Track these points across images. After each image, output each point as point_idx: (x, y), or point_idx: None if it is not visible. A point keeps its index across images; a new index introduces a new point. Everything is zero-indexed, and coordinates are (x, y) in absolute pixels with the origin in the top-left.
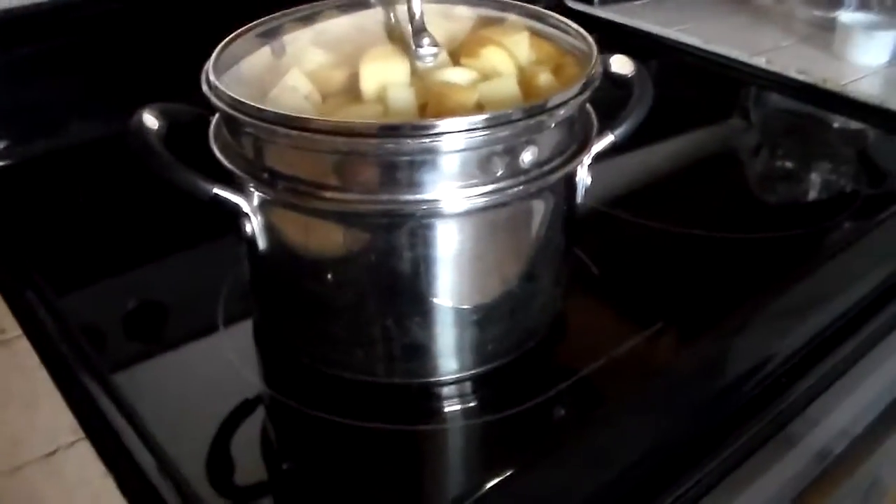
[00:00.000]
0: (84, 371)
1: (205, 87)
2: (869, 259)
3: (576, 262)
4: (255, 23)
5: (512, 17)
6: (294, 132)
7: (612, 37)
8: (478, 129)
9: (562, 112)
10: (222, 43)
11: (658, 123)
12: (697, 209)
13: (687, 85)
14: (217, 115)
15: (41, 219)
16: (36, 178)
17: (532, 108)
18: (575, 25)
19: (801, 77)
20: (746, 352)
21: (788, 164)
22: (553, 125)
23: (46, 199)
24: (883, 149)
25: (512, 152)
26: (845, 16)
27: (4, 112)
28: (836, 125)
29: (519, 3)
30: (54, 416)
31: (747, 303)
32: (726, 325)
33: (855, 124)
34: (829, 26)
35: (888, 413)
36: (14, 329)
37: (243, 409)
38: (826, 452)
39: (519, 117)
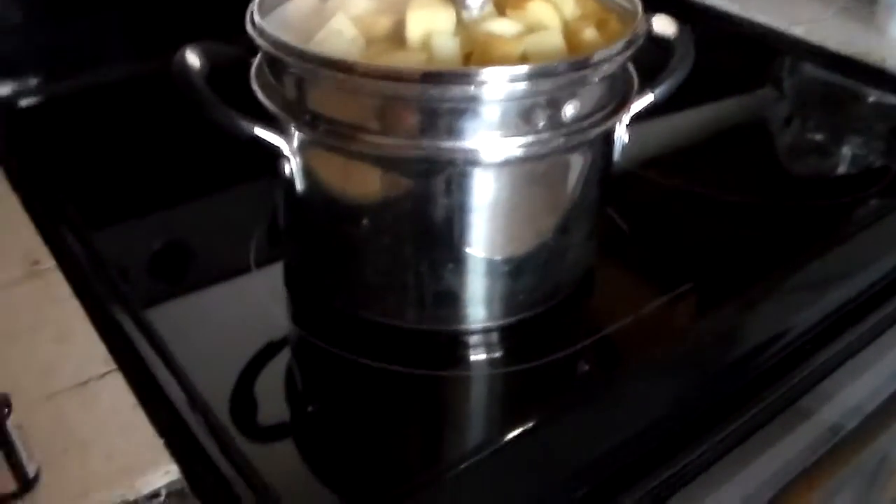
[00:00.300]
0: (116, 305)
1: (249, 28)
2: (892, 237)
3: (608, 220)
4: None
5: None
6: (339, 75)
7: (647, 1)
8: (522, 79)
9: (605, 68)
10: None
11: (692, 89)
12: (728, 175)
13: (722, 52)
14: (259, 57)
15: (76, 155)
16: (71, 114)
17: (576, 63)
18: None
19: (840, 49)
20: (766, 322)
21: (819, 137)
22: (596, 80)
23: (82, 135)
24: None
25: (554, 105)
26: None
27: (39, 48)
28: (871, 99)
29: None
30: (86, 347)
31: (770, 273)
32: (749, 293)
33: (891, 99)
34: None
35: None
36: (48, 260)
37: (272, 349)
38: (838, 427)
39: (563, 70)
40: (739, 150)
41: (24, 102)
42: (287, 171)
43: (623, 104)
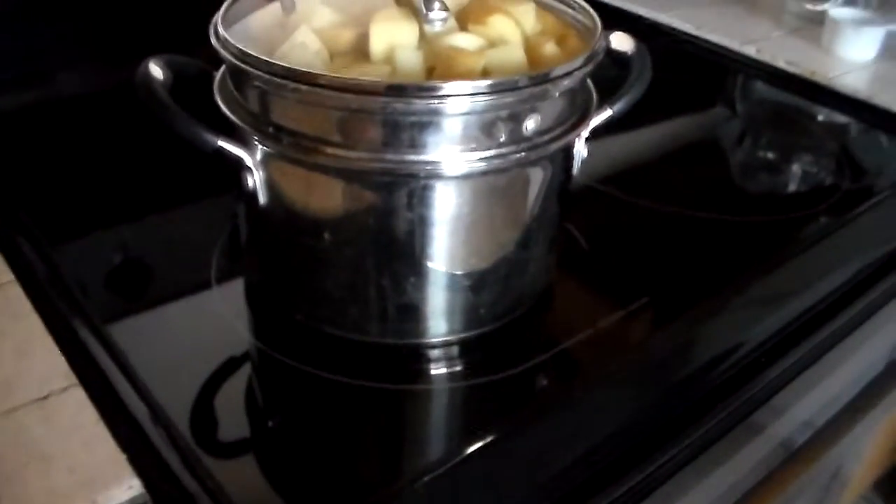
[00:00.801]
0: (77, 319)
1: (213, 40)
2: (842, 253)
3: (566, 235)
4: None
5: None
6: (304, 87)
7: (605, 17)
8: (484, 93)
9: (566, 82)
10: None
11: (648, 106)
12: (683, 191)
13: (677, 70)
14: (222, 69)
15: (35, 168)
16: (29, 127)
17: (537, 77)
18: (579, 0)
19: (789, 68)
20: (719, 336)
21: (771, 155)
22: (556, 95)
23: (40, 148)
24: (865, 143)
25: (515, 119)
26: (834, 10)
27: None
28: (820, 118)
29: None
30: (46, 362)
31: (724, 287)
32: (702, 307)
33: (840, 118)
34: (819, 19)
35: (852, 406)
36: (7, 274)
37: (234, 363)
38: (790, 442)
39: (524, 84)
40: (694, 166)
41: None
42: (250, 183)
43: (582, 119)
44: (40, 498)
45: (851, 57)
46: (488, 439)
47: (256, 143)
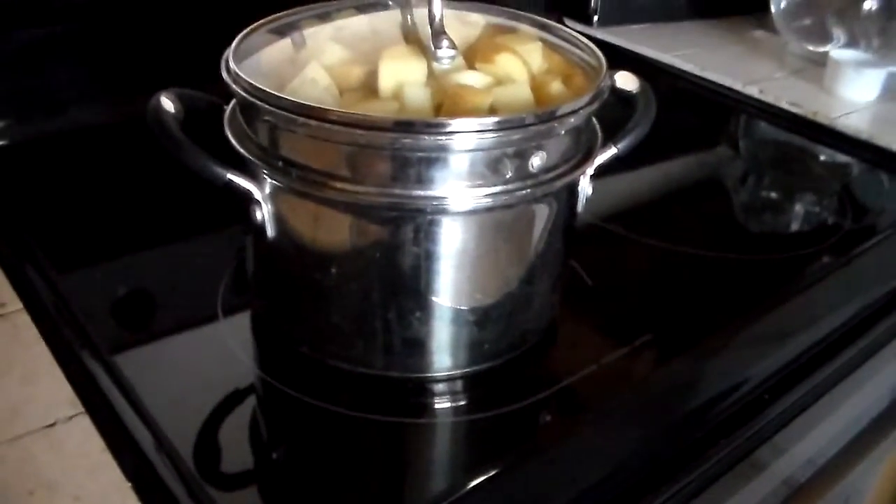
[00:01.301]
0: (84, 349)
1: (224, 74)
2: (844, 291)
3: (571, 272)
4: (273, 16)
5: (524, 27)
6: (313, 122)
7: (610, 57)
8: (491, 130)
9: (572, 120)
10: (242, 33)
11: (652, 146)
12: (687, 229)
13: (680, 110)
14: (232, 103)
15: (45, 199)
16: (40, 157)
17: (544, 114)
18: (584, 39)
19: (792, 109)
20: (722, 374)
21: (773, 195)
22: (562, 133)
23: (51, 179)
24: (867, 183)
25: (521, 156)
26: (836, 52)
27: (10, 92)
28: (822, 158)
29: (530, 15)
30: (53, 390)
31: (727, 325)
32: (705, 344)
33: (842, 158)
34: (821, 61)
35: (856, 444)
36: (15, 303)
37: (239, 395)
38: (793, 480)
39: (531, 122)
40: (698, 205)
41: None
42: (258, 217)
43: (588, 157)
44: None
45: (853, 98)
46: (490, 473)
47: (265, 176)
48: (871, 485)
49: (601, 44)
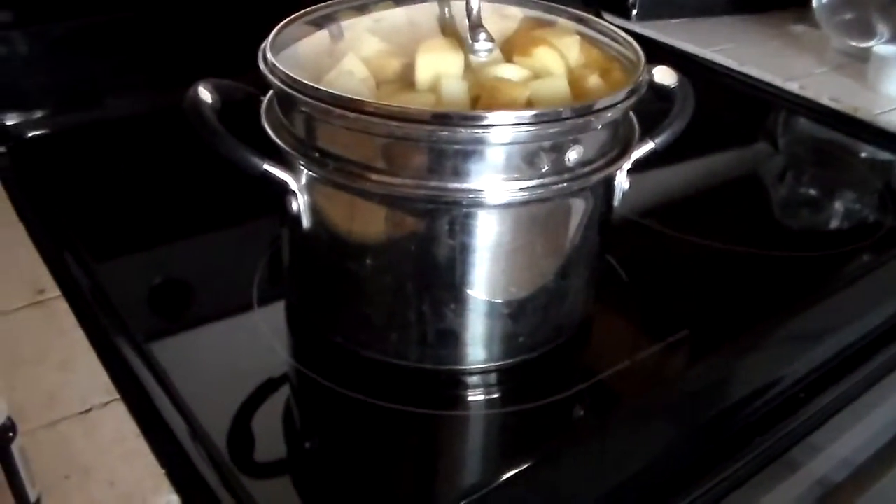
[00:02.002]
0: (120, 336)
1: (262, 66)
2: (884, 290)
3: (607, 266)
4: (310, 8)
5: (562, 20)
6: (350, 114)
7: (648, 51)
8: (528, 123)
9: (609, 114)
10: (279, 25)
11: (689, 141)
12: (724, 225)
13: (719, 105)
14: (269, 94)
15: (83, 188)
16: (79, 146)
17: (581, 108)
18: (622, 33)
19: (832, 105)
20: (757, 371)
21: (812, 191)
22: (599, 127)
23: (89, 167)
24: None
25: (558, 150)
26: (880, 47)
27: (49, 80)
28: (863, 155)
29: (568, 8)
30: (89, 376)
31: (763, 322)
32: (741, 341)
33: (884, 155)
34: (864, 56)
35: (892, 446)
36: (53, 290)
37: (272, 384)
38: (827, 480)
39: (568, 115)
40: (735, 201)
41: (32, 133)
42: (294, 207)
43: (625, 151)
44: None
45: None
46: (523, 467)
47: (301, 167)
48: None
49: (639, 38)
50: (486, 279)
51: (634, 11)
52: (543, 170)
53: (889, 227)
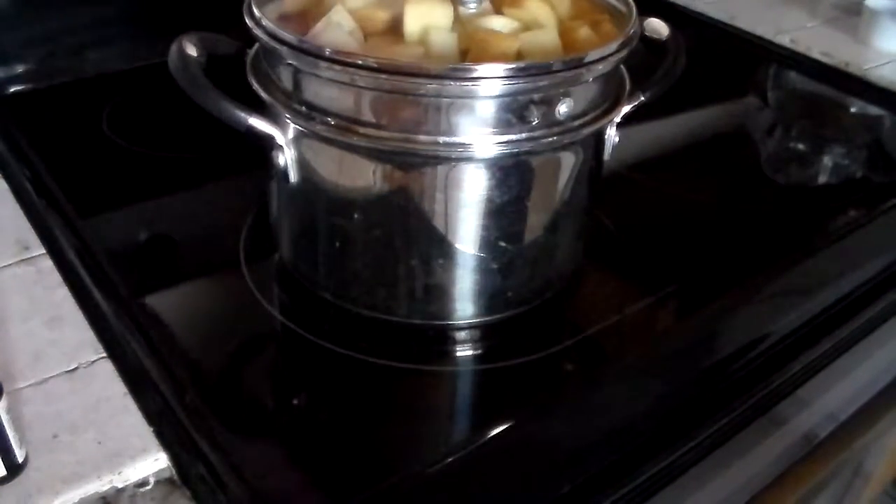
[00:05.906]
0: (106, 293)
1: (248, 19)
2: (872, 245)
3: (595, 221)
4: None
5: None
6: (337, 66)
7: (640, 4)
8: (517, 76)
9: (600, 67)
10: None
11: (679, 94)
12: (713, 180)
13: (709, 58)
14: (255, 48)
15: (67, 143)
16: (62, 102)
17: (572, 61)
18: None
19: (823, 59)
20: (746, 326)
21: (801, 146)
22: (590, 80)
23: (73, 123)
24: None
25: (548, 103)
26: (872, 1)
27: (31, 35)
28: (853, 109)
29: None
30: (76, 334)
31: (752, 277)
32: (730, 296)
33: (873, 110)
34: (856, 10)
35: (876, 401)
36: (38, 247)
37: (260, 341)
38: (813, 435)
39: (558, 68)
40: (725, 156)
41: (14, 88)
42: (281, 162)
43: (615, 104)
44: (68, 468)
45: (889, 48)
46: (511, 422)
47: (288, 121)
48: (891, 441)
49: None
50: (474, 234)
51: None
52: (533, 123)
53: (877, 183)
